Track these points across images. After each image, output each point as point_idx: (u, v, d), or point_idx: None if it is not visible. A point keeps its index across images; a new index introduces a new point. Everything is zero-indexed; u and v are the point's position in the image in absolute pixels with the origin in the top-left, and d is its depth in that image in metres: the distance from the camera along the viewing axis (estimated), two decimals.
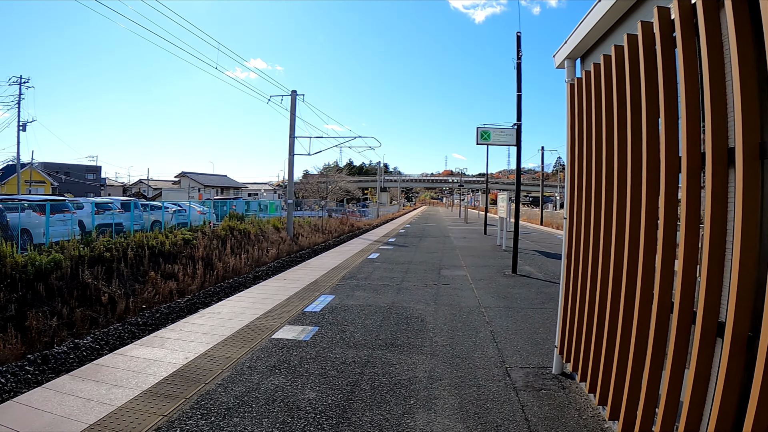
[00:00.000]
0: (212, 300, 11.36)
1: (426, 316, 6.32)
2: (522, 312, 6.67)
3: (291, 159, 25.99)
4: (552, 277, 9.68)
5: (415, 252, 13.85)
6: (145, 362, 4.43)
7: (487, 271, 10.28)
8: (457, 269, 10.55)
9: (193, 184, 78.76)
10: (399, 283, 8.72)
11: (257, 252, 19.41)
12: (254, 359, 4.59)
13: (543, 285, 8.84)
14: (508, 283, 8.89)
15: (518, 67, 9.94)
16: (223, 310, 6.74)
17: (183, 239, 16.90)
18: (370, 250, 14.60)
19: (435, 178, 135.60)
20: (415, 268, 10.59)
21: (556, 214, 49.02)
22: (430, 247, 15.60)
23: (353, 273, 9.93)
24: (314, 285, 8.61)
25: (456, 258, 12.62)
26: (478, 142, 9.75)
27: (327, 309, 6.70)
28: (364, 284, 8.63)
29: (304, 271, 10.53)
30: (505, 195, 14.42)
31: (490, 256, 13.28)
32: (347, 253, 13.99)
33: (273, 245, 21.69)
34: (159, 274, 13.37)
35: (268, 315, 6.41)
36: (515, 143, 9.75)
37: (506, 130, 9.76)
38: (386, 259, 12.14)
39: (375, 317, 6.26)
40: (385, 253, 13.49)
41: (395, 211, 75.72)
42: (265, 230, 24.04)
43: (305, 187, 77.37)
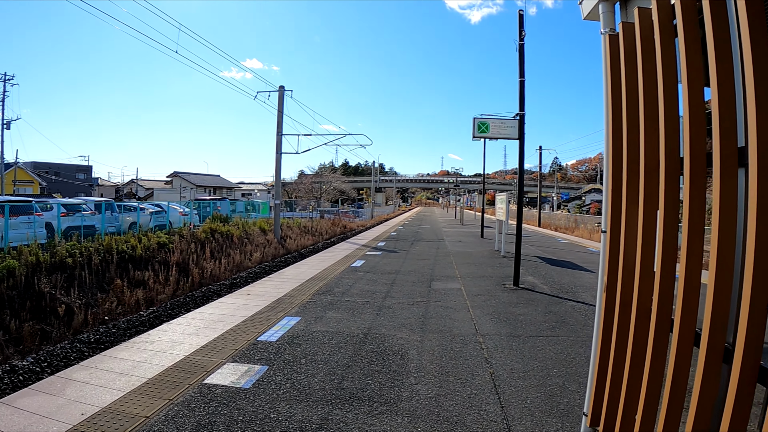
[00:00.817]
0: (180, 311, 10.19)
1: (408, 350, 4.98)
2: (529, 342, 5.34)
3: (278, 158, 24.71)
4: (560, 291, 8.37)
5: (404, 259, 12.52)
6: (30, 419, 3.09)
7: (485, 284, 8.96)
8: (450, 281, 9.22)
9: (185, 184, 77.77)
10: (381, 300, 7.38)
11: (239, 256, 18.16)
12: (167, 420, 3.27)
13: (551, 302, 7.52)
14: (509, 300, 7.57)
15: (521, 49, 8.64)
16: (160, 337, 5.38)
17: (157, 243, 15.61)
18: (356, 256, 13.27)
19: (431, 178, 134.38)
20: (403, 280, 9.25)
21: (554, 215, 47.89)
22: (422, 252, 14.27)
23: (330, 286, 8.59)
24: (281, 302, 7.26)
25: (450, 266, 11.29)
26: (474, 135, 8.45)
27: (286, 338, 5.37)
28: (339, 301, 7.29)
29: (275, 282, 9.19)
30: (504, 196, 13.11)
31: (488, 263, 11.96)
32: (331, 259, 12.66)
33: (258, 249, 20.46)
34: (127, 281, 12.15)
35: (211, 346, 5.07)
36: (517, 136, 8.45)
37: (507, 121, 8.46)
38: (371, 268, 10.80)
39: (344, 351, 4.92)
40: (372, 260, 12.15)
41: (390, 211, 74.57)
42: (250, 232, 22.75)
43: (299, 188, 76.25)
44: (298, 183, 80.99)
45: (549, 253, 14.79)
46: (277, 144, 24.45)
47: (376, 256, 13.18)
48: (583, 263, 12.46)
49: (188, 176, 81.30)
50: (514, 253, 8.53)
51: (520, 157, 8.44)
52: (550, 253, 14.80)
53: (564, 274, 10.40)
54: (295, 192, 73.93)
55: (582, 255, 14.61)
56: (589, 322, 6.28)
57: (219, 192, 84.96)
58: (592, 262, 12.74)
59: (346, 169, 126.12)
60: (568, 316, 6.64)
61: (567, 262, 12.56)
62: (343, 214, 51.11)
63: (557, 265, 11.98)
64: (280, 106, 24.36)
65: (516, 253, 8.49)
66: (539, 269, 11.03)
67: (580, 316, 6.61)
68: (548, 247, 16.75)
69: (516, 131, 8.40)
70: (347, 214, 53.79)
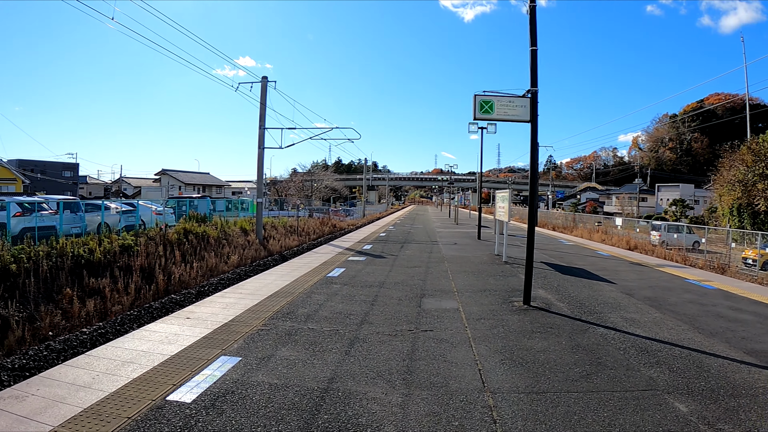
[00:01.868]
0: (132, 326, 8.88)
1: (383, 424, 3.27)
2: (560, 404, 3.64)
3: (261, 153, 22.96)
4: (582, 311, 6.70)
5: (392, 266, 10.79)
6: None
7: (489, 301, 7.26)
8: (445, 297, 7.51)
9: (174, 182, 76.04)
10: (355, 329, 5.66)
11: (214, 260, 16.44)
12: None
13: (574, 328, 5.84)
14: (522, 326, 5.87)
15: (532, 12, 6.96)
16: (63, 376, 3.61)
17: (121, 245, 13.87)
18: (336, 261, 11.53)
19: (424, 176, 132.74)
20: (387, 296, 7.53)
21: (551, 214, 46.41)
22: (413, 257, 12.55)
23: (295, 305, 6.84)
24: (224, 331, 5.52)
25: (444, 276, 9.59)
26: (476, 116, 6.74)
27: (208, 397, 3.65)
28: (300, 330, 5.56)
29: (232, 297, 7.44)
30: (505, 193, 11.42)
31: (489, 271, 10.27)
32: (307, 265, 10.92)
33: (236, 251, 18.74)
34: (80, 290, 10.47)
35: (93, 412, 3.34)
36: (529, 118, 6.75)
37: (516, 99, 6.76)
38: (351, 278, 9.08)
39: (285, 426, 3.20)
40: (354, 268, 10.42)
41: (383, 210, 72.96)
42: (230, 233, 20.94)
43: (289, 186, 74.49)
44: (289, 181, 79.17)
45: (555, 257, 13.14)
46: (260, 138, 22.70)
47: (359, 262, 11.44)
48: (598, 271, 10.82)
49: (176, 174, 79.62)
50: (525, 263, 6.83)
51: (533, 145, 6.74)
52: (557, 257, 13.15)
53: (580, 286, 8.74)
54: (285, 190, 72.26)
55: (593, 260, 12.98)
56: (634, 363, 4.60)
57: (209, 190, 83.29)
58: (607, 270, 11.11)
59: (338, 167, 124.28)
60: (602, 352, 4.96)
61: (579, 270, 10.91)
62: (334, 213, 49.26)
63: (569, 273, 10.32)
64: (262, 98, 22.60)
65: (527, 264, 6.80)
66: (549, 279, 9.36)
67: (618, 353, 4.93)
68: (553, 251, 15.11)
69: (527, 112, 6.71)
70: (338, 212, 51.92)
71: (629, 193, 68.17)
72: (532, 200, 6.71)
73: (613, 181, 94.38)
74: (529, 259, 6.78)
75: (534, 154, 6.73)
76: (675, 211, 46.62)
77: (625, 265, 12.09)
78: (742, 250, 19.62)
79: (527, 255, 6.82)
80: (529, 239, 6.83)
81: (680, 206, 46.94)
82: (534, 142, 6.73)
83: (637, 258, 14.15)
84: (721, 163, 31.77)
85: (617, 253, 15.31)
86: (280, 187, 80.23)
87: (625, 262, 12.70)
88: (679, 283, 9.70)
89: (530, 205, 6.76)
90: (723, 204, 31.56)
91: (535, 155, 6.75)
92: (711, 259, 17.71)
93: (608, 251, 15.89)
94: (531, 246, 6.76)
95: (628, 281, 9.57)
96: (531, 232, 6.84)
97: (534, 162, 6.75)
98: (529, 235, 6.85)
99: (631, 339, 5.48)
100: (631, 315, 6.68)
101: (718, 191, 32.53)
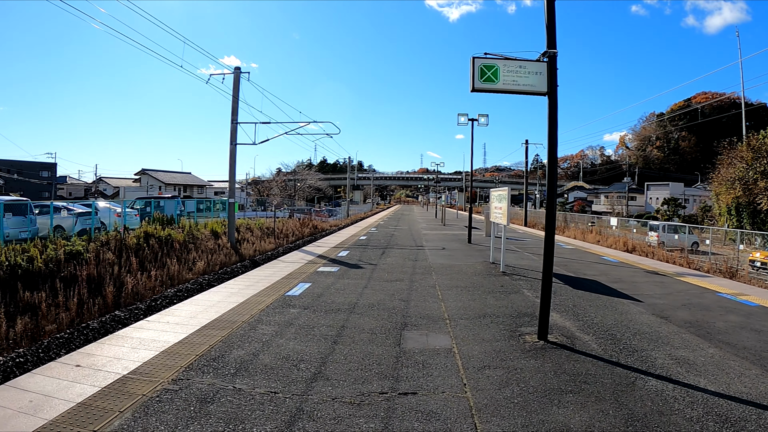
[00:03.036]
0: (60, 352, 7.17)
1: None
2: None
3: (233, 149, 21.01)
4: (618, 349, 4.99)
5: (369, 280, 8.96)
6: None
7: (492, 334, 5.48)
8: (434, 329, 5.71)
9: (154, 182, 73.76)
10: (303, 390, 3.83)
11: (176, 266, 14.51)
12: None
13: (618, 381, 4.10)
14: (544, 381, 4.10)
15: None
16: None
17: (68, 252, 11.96)
18: (304, 273, 9.68)
19: (410, 176, 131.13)
20: (357, 327, 5.71)
21: (540, 213, 44.99)
22: (395, 267, 10.73)
23: (229, 344, 4.99)
24: (116, 390, 3.66)
25: (432, 294, 7.79)
26: (474, 86, 4.96)
27: None
28: (221, 393, 3.71)
29: (152, 330, 5.56)
30: (504, 191, 9.65)
31: (486, 286, 8.51)
32: (267, 279, 9.06)
33: (204, 256, 16.74)
34: (13, 305, 8.74)
35: None
36: (546, 90, 5.00)
37: (528, 64, 4.98)
38: (316, 298, 7.23)
39: None
40: (323, 282, 8.58)
41: (367, 210, 71.25)
42: (199, 236, 18.91)
43: (271, 185, 72.43)
44: (271, 181, 76.95)
45: (559, 264, 11.45)
46: (232, 133, 20.75)
47: (331, 274, 9.58)
48: (613, 283, 9.15)
49: (156, 174, 77.31)
50: (542, 283, 5.06)
51: (551, 127, 4.97)
52: (561, 264, 11.46)
53: (600, 307, 7.03)
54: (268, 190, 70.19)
55: (601, 268, 11.32)
56: None
57: (190, 190, 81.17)
58: (623, 281, 9.45)
59: (324, 166, 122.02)
60: (671, 428, 3.22)
61: (591, 282, 9.22)
62: (316, 213, 47.23)
63: (581, 286, 8.61)
64: (235, 91, 20.66)
65: (544, 285, 5.03)
66: (561, 296, 7.62)
67: (692, 428, 3.21)
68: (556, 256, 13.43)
69: (543, 81, 4.96)
70: (320, 213, 49.89)
71: (618, 192, 67.36)
72: (551, 199, 4.96)
73: (600, 180, 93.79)
74: (547, 278, 5.01)
75: (553, 138, 4.96)
76: (667, 211, 45.61)
77: (640, 275, 10.45)
78: (750, 251, 18.32)
79: (544, 273, 5.05)
80: (547, 250, 5.06)
81: (672, 205, 45.96)
82: (553, 122, 4.97)
83: (646, 264, 12.55)
84: (720, 160, 30.56)
85: (624, 258, 13.71)
86: (263, 186, 78.05)
87: (640, 271, 11.07)
88: (712, 298, 8.07)
89: (548, 206, 5.00)
90: (720, 203, 30.36)
91: (554, 139, 4.99)
92: (716, 262, 16.32)
93: (614, 255, 14.29)
94: (550, 260, 5.00)
95: (653, 297, 7.91)
96: (550, 240, 5.07)
97: (553, 148, 4.99)
98: (547, 244, 5.08)
99: (699, 397, 3.78)
100: (680, 352, 4.98)
101: (715, 189, 31.33)
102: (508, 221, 9.14)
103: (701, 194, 55.90)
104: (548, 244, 5.01)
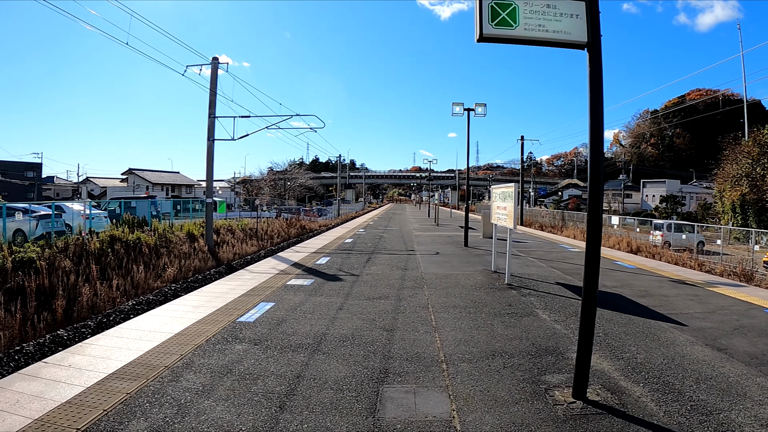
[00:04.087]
0: None
1: None
2: None
3: (210, 145, 19.37)
4: (685, 412, 3.45)
5: (346, 297, 7.33)
6: None
7: (507, 390, 3.90)
8: (424, 381, 4.09)
9: (141, 182, 71.86)
10: None
11: (142, 274, 12.97)
12: None
13: None
14: None
15: None
16: None
17: (17, 260, 10.62)
18: (269, 288, 8.04)
19: (402, 174, 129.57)
20: (319, 377, 4.11)
21: (536, 212, 43.71)
22: (380, 279, 9.11)
23: (126, 413, 3.35)
24: None
25: (423, 319, 6.19)
26: (482, 33, 3.33)
27: None
28: None
29: (40, 382, 3.92)
30: (509, 188, 8.09)
31: (492, 306, 6.91)
32: (223, 296, 7.42)
33: (176, 261, 15.13)
34: None
35: None
36: (585, 39, 3.45)
37: (559, 2, 3.43)
38: (274, 327, 5.62)
39: None
40: (289, 301, 6.95)
41: (359, 209, 69.71)
42: (173, 240, 17.24)
43: (261, 184, 70.80)
44: (260, 180, 75.21)
45: (572, 273, 9.90)
46: (209, 128, 19.11)
47: (301, 289, 7.93)
48: (641, 297, 7.61)
49: (143, 173, 75.45)
50: (580, 326, 3.49)
51: (594, 93, 3.40)
52: (575, 273, 9.90)
53: (639, 335, 5.48)
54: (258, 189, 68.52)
55: (621, 277, 9.79)
56: None
57: (178, 190, 79.46)
58: (651, 294, 7.93)
59: (316, 165, 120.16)
60: None
61: (615, 297, 7.68)
62: (305, 213, 45.51)
63: (606, 304, 7.04)
64: (212, 83, 19.02)
65: (583, 330, 3.46)
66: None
67: None
68: (561, 261, 11.90)
69: (581, 27, 3.37)
70: (310, 212, 48.17)
71: (614, 189, 66.25)
72: (594, 197, 3.38)
73: None
74: (588, 316, 3.44)
75: (596, 108, 3.39)
76: (666, 208, 44.37)
77: (667, 285, 8.94)
78: (765, 252, 17.01)
79: (584, 309, 3.48)
80: (589, 274, 3.48)
81: (671, 203, 44.74)
82: (596, 86, 3.40)
83: (666, 270, 11.06)
84: (724, 156, 29.32)
85: (639, 263, 12.21)
86: (252, 186, 76.31)
87: (664, 280, 9.56)
88: (762, 317, 6.58)
89: (591, 207, 3.40)
90: (725, 200, 29.12)
91: (598, 110, 3.41)
92: (730, 263, 14.95)
93: (628, 260, 12.78)
94: (593, 291, 3.42)
95: (695, 318, 6.39)
96: (593, 260, 3.48)
97: (596, 122, 3.40)
98: (589, 265, 3.49)
99: None
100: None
101: (719, 186, 30.10)
102: (515, 224, 7.56)
103: (698, 191, 54.88)
104: (591, 264, 3.42)
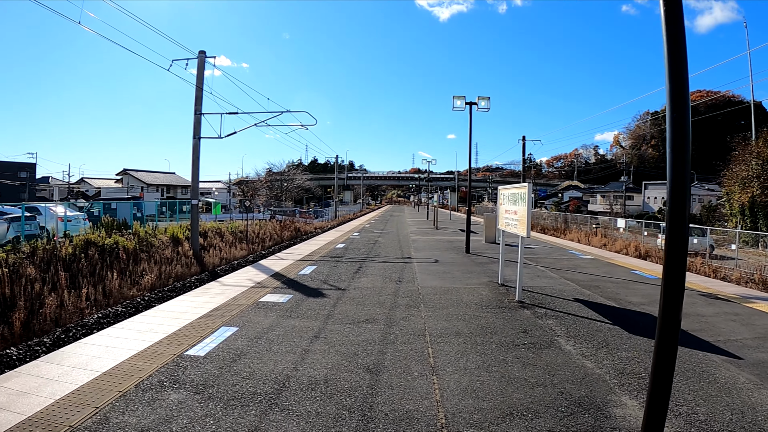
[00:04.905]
0: None
1: None
2: None
3: (196, 143, 18.26)
4: None
5: (326, 320, 6.13)
6: None
7: None
8: None
9: (136, 183, 70.86)
10: None
11: (117, 282, 11.91)
12: None
13: None
14: None
15: None
16: None
17: None
18: (237, 306, 6.84)
19: (401, 175, 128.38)
20: None
21: (536, 214, 42.36)
22: (370, 294, 7.89)
23: None
24: None
25: (419, 354, 5.00)
26: None
27: None
28: None
29: None
30: (522, 189, 6.90)
31: (503, 334, 5.73)
32: (181, 316, 6.23)
33: (156, 266, 14.04)
34: None
35: None
36: None
37: None
38: (227, 367, 4.43)
39: None
40: (257, 326, 5.75)
41: (357, 210, 68.64)
42: (154, 243, 16.09)
43: (257, 185, 69.74)
44: (256, 181, 74.07)
45: (589, 286, 8.72)
46: (195, 125, 18.00)
47: (275, 308, 6.71)
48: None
49: (138, 174, 74.57)
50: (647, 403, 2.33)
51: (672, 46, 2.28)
52: (593, 287, 8.72)
53: (690, 376, 4.33)
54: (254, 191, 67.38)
55: (643, 289, 8.63)
56: None
57: (173, 191, 78.51)
58: (685, 313, 6.78)
59: (314, 166, 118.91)
60: None
61: (646, 318, 6.50)
62: (301, 215, 44.41)
63: (637, 329, 5.86)
64: (199, 78, 17.90)
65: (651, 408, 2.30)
66: (622, 351, 4.88)
67: None
68: (574, 270, 10.72)
69: None
70: (306, 214, 47.08)
71: (615, 191, 65.24)
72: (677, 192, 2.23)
73: (595, 179, 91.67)
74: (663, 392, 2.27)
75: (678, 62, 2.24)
76: None
77: (699, 301, 7.77)
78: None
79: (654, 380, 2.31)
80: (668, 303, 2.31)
81: None
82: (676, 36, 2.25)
83: (691, 281, 9.91)
84: (733, 157, 28.25)
85: (659, 272, 11.08)
86: (248, 187, 75.20)
87: (693, 294, 8.39)
88: None
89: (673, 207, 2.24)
90: (733, 202, 28.05)
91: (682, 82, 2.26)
92: (747, 270, 13.82)
93: (647, 269, 11.62)
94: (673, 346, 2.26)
95: (746, 346, 5.24)
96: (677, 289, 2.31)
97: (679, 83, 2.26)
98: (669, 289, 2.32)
99: None
100: None
101: (727, 188, 29.04)
102: (528, 231, 6.37)
103: (701, 193, 53.78)
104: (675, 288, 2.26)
